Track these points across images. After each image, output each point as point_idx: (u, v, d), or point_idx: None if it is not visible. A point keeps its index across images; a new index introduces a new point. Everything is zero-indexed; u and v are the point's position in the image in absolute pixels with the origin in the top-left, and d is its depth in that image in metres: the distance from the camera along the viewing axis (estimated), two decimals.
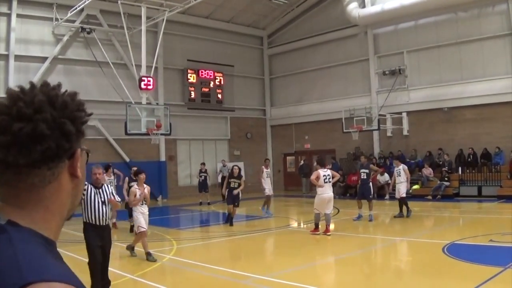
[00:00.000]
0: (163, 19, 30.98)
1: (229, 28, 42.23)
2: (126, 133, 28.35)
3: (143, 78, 28.62)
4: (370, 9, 36.16)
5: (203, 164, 33.70)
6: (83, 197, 10.08)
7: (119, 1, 28.76)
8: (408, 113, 34.72)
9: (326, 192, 18.32)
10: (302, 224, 23.57)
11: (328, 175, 18.48)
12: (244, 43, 43.86)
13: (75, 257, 14.20)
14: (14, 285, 1.34)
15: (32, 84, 1.67)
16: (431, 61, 34.20)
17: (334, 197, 33.91)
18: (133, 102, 29.71)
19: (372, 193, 23.47)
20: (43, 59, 32.25)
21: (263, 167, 25.49)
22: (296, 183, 40.32)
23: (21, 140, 1.54)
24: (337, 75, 39.94)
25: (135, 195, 14.40)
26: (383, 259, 15.05)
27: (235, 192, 21.87)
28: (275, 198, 32.38)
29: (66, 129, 1.65)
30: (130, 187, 22.31)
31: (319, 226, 18.36)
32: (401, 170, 22.68)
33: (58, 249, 1.72)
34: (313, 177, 18.58)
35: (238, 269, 11.66)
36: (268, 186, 24.85)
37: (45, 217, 1.66)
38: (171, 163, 37.88)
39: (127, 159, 34.13)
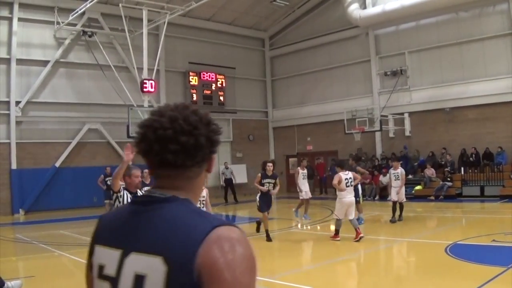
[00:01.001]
0: (165, 22, 31.02)
1: (230, 30, 42.27)
2: (128, 136, 28.31)
3: (145, 81, 28.69)
4: (371, 10, 36.16)
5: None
6: (118, 204, 9.92)
7: (120, 4, 28.76)
8: (410, 113, 34.68)
9: (347, 196, 17.34)
10: (304, 226, 23.56)
11: (350, 178, 17.74)
12: (246, 45, 43.90)
13: (79, 260, 14.22)
14: (205, 229, 2.02)
15: (184, 105, 2.35)
16: (433, 61, 34.19)
17: (335, 199, 34.26)
18: (135, 105, 29.74)
19: (360, 195, 22.48)
20: (45, 62, 32.33)
21: (299, 168, 23.66)
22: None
23: (188, 149, 2.21)
24: (339, 76, 39.96)
25: None
26: (386, 260, 15.04)
27: (273, 192, 18.88)
28: (278, 200, 32.37)
29: (213, 140, 2.34)
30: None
31: (339, 233, 17.96)
32: (400, 174, 21.61)
33: (62, 252, 1.91)
34: (335, 181, 17.55)
35: None
36: (305, 189, 22.92)
37: (194, 197, 2.33)
38: None
39: (130, 162, 34.08)
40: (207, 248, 1.97)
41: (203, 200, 13.31)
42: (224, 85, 41.06)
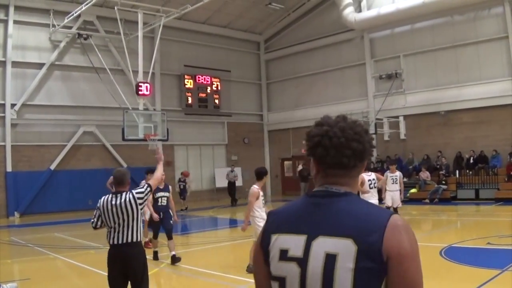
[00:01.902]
0: (160, 25, 30.95)
1: (225, 33, 42.29)
2: (124, 139, 28.30)
3: (140, 84, 28.61)
4: (366, 14, 36.25)
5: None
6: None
7: (115, 7, 28.73)
8: (405, 117, 34.67)
9: (371, 199, 16.03)
10: None
11: (374, 179, 17.22)
12: (241, 48, 43.95)
13: (74, 263, 14.22)
14: (385, 217, 2.51)
15: (344, 117, 2.84)
16: (428, 64, 34.25)
17: None
18: (130, 108, 29.68)
19: None
20: (40, 65, 32.34)
21: (387, 172, 21.20)
22: (294, 188, 40.21)
23: (358, 153, 2.66)
24: (334, 79, 39.98)
25: None
26: None
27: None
28: (273, 203, 32.42)
29: (372, 145, 2.79)
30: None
31: None
32: (398, 177, 20.69)
33: (57, 255, 1.97)
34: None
35: (236, 274, 11.66)
36: (389, 195, 20.55)
37: (355, 192, 2.79)
38: (169, 168, 37.82)
39: (125, 165, 34.07)
40: (391, 232, 2.46)
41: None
42: (219, 88, 41.08)
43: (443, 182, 30.25)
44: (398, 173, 21.08)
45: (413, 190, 31.68)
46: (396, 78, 35.55)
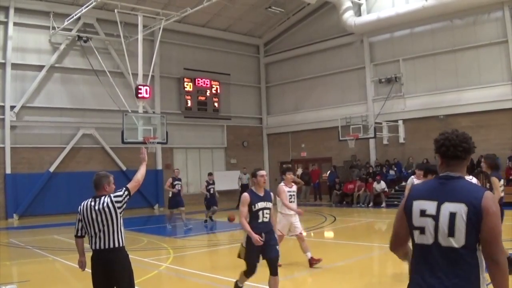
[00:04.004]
0: (160, 28, 31.02)
1: (225, 36, 42.37)
2: (123, 142, 28.34)
3: (139, 87, 28.68)
4: (366, 18, 36.31)
5: (211, 174, 28.50)
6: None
7: (115, 10, 28.77)
8: (404, 121, 34.75)
9: None
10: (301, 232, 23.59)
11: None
12: (241, 51, 44.00)
13: (73, 265, 14.20)
14: (482, 191, 4.15)
15: (456, 130, 4.49)
16: (427, 68, 34.30)
17: (330, 206, 34.30)
18: (129, 111, 29.72)
19: None
20: (40, 67, 32.41)
21: (413, 178, 16.11)
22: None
23: (467, 150, 4.34)
24: (333, 83, 40.03)
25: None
26: (381, 266, 15.04)
27: None
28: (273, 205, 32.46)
29: (474, 146, 4.46)
30: (174, 186, 22.77)
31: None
32: None
33: (56, 257, 2.01)
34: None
35: (236, 277, 11.65)
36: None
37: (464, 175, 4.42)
38: (168, 171, 37.86)
39: (124, 168, 34.18)
40: (485, 200, 4.07)
41: (292, 194, 14.08)
42: (218, 91, 41.12)
43: None
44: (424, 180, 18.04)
45: None
46: (395, 82, 35.61)
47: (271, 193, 10.27)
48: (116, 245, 7.50)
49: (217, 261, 16.83)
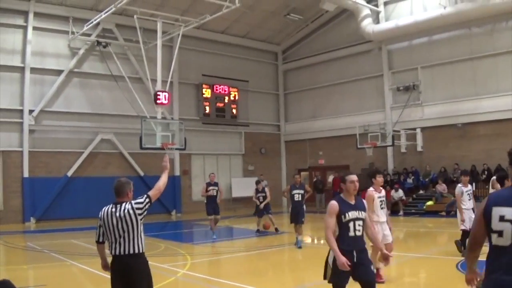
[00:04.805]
0: (179, 34, 31.07)
1: (244, 43, 42.47)
2: (141, 148, 28.39)
3: (158, 93, 28.73)
4: (384, 25, 36.25)
5: (259, 181, 26.75)
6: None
7: (135, 16, 28.88)
8: (422, 129, 34.63)
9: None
10: (315, 240, 23.55)
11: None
12: (259, 58, 44.06)
13: (90, 270, 14.24)
14: None
15: None
16: (445, 76, 34.21)
17: None
18: (148, 117, 29.79)
19: (305, 216, 20.47)
20: (59, 72, 32.60)
21: (461, 186, 16.20)
22: (309, 199, 40.14)
23: None
24: (351, 90, 40.01)
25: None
26: (397, 275, 14.98)
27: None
28: (287, 214, 32.38)
29: None
30: (208, 191, 22.57)
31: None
32: (472, 192, 16.50)
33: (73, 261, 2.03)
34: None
35: (252, 284, 11.63)
36: (468, 216, 15.82)
37: None
38: (185, 177, 37.94)
39: (142, 173, 34.24)
40: None
41: (383, 199, 12.92)
42: (237, 98, 41.18)
43: None
44: (470, 187, 16.66)
45: (429, 203, 31.62)
46: (413, 90, 35.51)
47: (364, 201, 8.85)
48: (136, 251, 7.53)
49: (234, 268, 16.77)
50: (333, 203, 8.13)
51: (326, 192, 38.87)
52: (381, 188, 13.04)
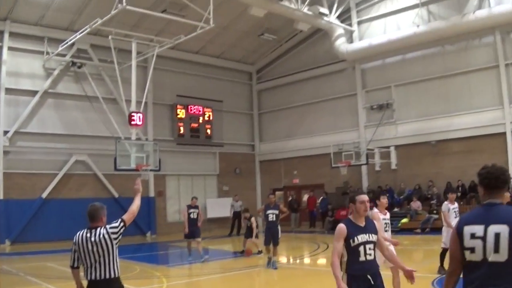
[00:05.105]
0: (153, 55, 31.09)
1: (218, 63, 42.53)
2: (116, 169, 28.26)
3: (132, 114, 28.63)
4: (358, 44, 36.57)
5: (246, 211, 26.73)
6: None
7: (109, 36, 28.85)
8: (396, 147, 34.89)
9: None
10: (291, 259, 23.57)
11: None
12: (233, 78, 44.17)
13: None
14: None
15: (495, 164, 5.40)
16: (419, 94, 34.55)
17: (323, 232, 34.27)
18: (122, 138, 29.74)
19: (280, 237, 20.09)
20: (34, 92, 32.38)
21: (447, 204, 16.68)
22: (284, 218, 40.15)
23: (505, 181, 5.26)
24: (325, 110, 40.18)
25: None
26: None
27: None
28: (262, 234, 32.35)
29: (510, 179, 7.68)
30: (189, 214, 22.16)
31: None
32: (457, 209, 16.57)
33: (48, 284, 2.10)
34: None
35: None
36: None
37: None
38: (160, 198, 37.83)
39: (116, 195, 34.05)
40: None
41: (387, 222, 12.42)
42: (211, 118, 41.12)
43: (434, 211, 30.24)
44: (457, 204, 16.88)
45: (404, 220, 31.76)
46: (387, 108, 35.78)
47: (375, 222, 8.27)
48: (112, 275, 7.50)
49: None
50: (341, 227, 7.65)
51: (301, 211, 38.99)
52: (385, 210, 12.64)
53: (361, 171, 36.92)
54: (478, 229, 5.04)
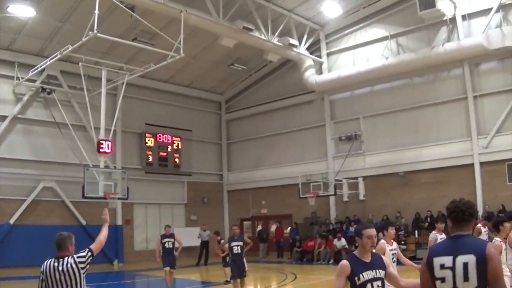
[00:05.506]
0: (123, 82, 31.08)
1: (188, 92, 42.62)
2: (83, 196, 28.06)
3: (101, 142, 28.50)
4: (327, 76, 36.95)
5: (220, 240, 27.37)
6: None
7: (80, 63, 28.82)
8: (364, 177, 35.09)
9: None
10: None
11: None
12: (202, 107, 44.23)
13: None
14: (485, 243, 5.35)
15: (463, 199, 5.72)
16: (387, 126, 34.93)
17: (291, 263, 34.25)
18: (90, 165, 29.55)
19: (246, 269, 19.72)
20: (3, 118, 32.13)
21: (435, 234, 15.67)
22: (252, 248, 39.94)
23: (472, 214, 5.55)
24: (294, 140, 40.36)
25: None
26: None
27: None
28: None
29: (476, 211, 14.00)
30: (163, 244, 21.29)
31: None
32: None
33: None
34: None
35: None
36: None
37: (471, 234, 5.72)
38: (128, 227, 37.60)
39: (84, 222, 33.78)
40: (488, 249, 5.12)
41: (394, 253, 11.98)
42: (180, 147, 41.11)
43: (402, 242, 30.40)
44: (444, 235, 15.15)
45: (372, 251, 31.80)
46: (355, 140, 36.06)
47: (383, 257, 7.46)
48: None
49: None
50: (344, 264, 6.89)
51: (269, 242, 38.96)
52: (392, 240, 12.29)
53: (329, 202, 37.03)
54: (447, 260, 5.32)
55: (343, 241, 32.65)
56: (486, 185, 30.52)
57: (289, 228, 38.69)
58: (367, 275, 6.76)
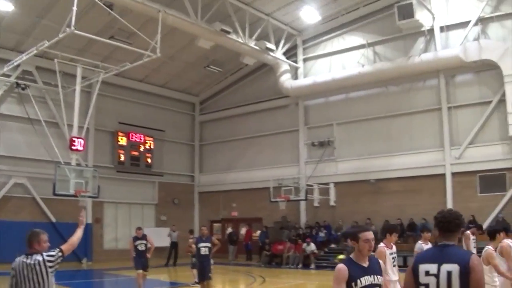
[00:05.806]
0: (98, 80, 30.93)
1: (162, 92, 42.56)
2: (54, 194, 27.89)
3: (73, 139, 28.36)
4: (302, 81, 37.11)
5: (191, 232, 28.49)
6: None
7: (55, 59, 28.67)
8: (336, 184, 35.17)
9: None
10: None
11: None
12: (176, 108, 44.21)
13: None
14: (469, 254, 5.58)
15: (451, 209, 6.05)
16: (360, 133, 35.10)
17: (260, 266, 34.29)
18: (62, 162, 29.38)
19: (211, 271, 19.35)
20: None
21: (421, 244, 14.18)
22: (221, 250, 39.89)
23: (458, 225, 5.75)
24: (267, 144, 40.45)
25: None
26: None
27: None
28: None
29: (464, 222, 6.73)
30: (136, 246, 20.62)
31: None
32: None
33: None
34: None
35: None
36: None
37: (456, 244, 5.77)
38: (97, 225, 37.43)
39: (54, 220, 33.60)
40: (472, 260, 5.31)
41: (394, 256, 11.86)
42: (152, 147, 41.06)
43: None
44: (431, 245, 13.41)
45: (340, 256, 31.86)
46: (328, 146, 36.20)
47: (380, 261, 7.09)
48: None
49: None
50: (341, 268, 6.46)
51: (239, 244, 38.95)
52: (392, 244, 12.02)
53: (300, 207, 37.16)
54: (432, 267, 5.53)
55: (312, 246, 32.75)
56: (457, 195, 30.77)
57: (258, 231, 38.73)
58: (365, 280, 6.42)
